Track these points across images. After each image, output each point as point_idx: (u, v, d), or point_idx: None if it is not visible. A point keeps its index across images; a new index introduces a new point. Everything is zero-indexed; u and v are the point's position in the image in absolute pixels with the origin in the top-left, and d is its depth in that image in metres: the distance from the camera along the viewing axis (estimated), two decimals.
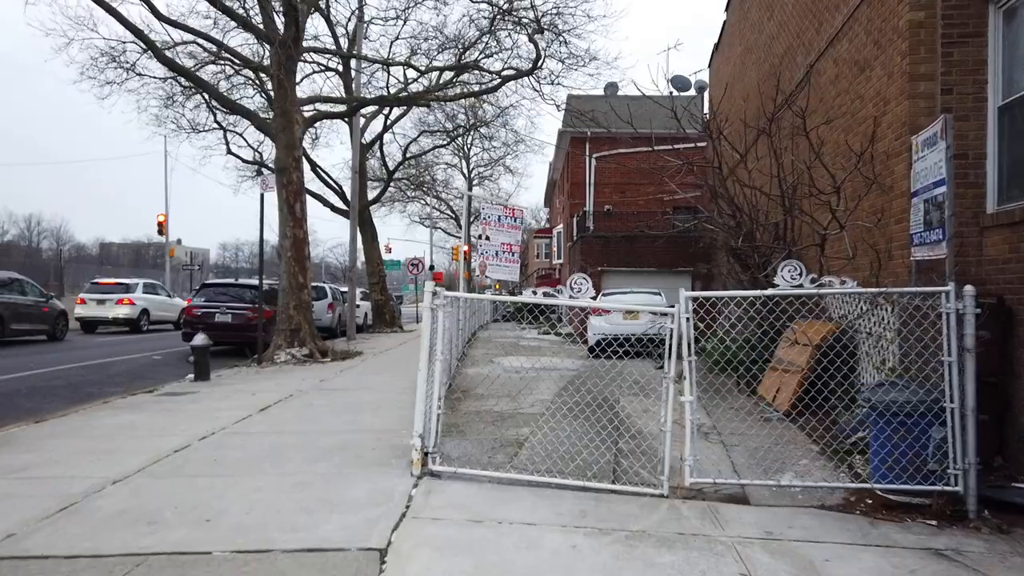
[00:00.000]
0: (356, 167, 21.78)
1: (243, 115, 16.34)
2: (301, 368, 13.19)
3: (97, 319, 24.41)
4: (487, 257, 13.80)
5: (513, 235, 13.93)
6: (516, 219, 13.83)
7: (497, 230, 13.77)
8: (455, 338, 11.36)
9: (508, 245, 13.82)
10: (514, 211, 13.72)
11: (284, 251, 14.89)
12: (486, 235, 13.56)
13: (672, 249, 22.09)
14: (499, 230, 13.81)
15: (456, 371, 11.61)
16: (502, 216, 13.39)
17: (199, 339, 11.05)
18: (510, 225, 13.76)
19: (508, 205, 14.90)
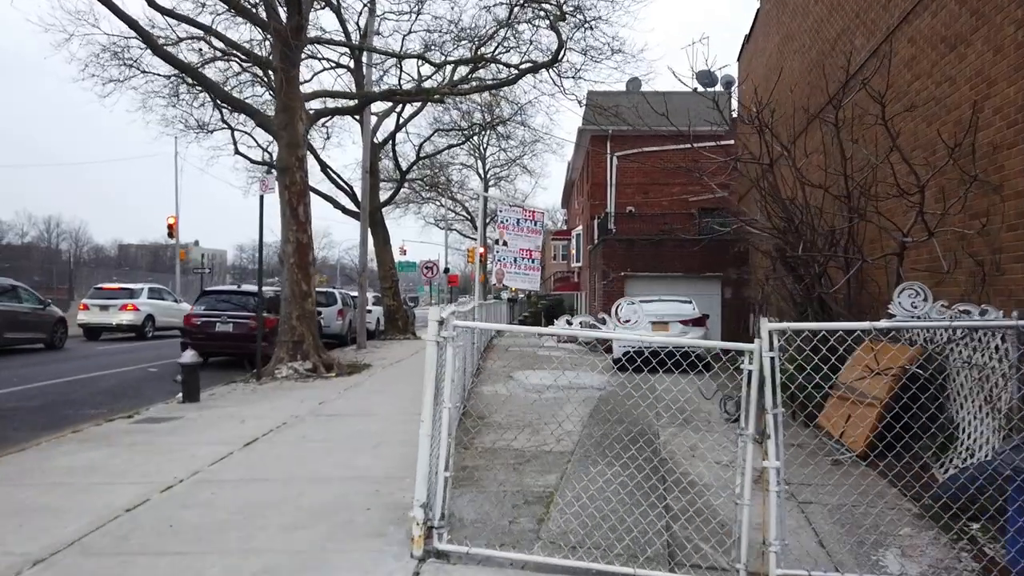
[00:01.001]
0: (367, 167, 20.73)
1: (244, 111, 15.32)
2: (303, 385, 12.11)
3: (101, 326, 23.57)
4: (504, 264, 12.67)
5: (533, 240, 12.80)
6: (536, 223, 12.70)
7: (515, 235, 12.65)
8: (469, 354, 10.24)
9: (527, 251, 12.68)
10: (534, 214, 12.58)
11: (286, 257, 13.84)
12: (503, 240, 12.44)
13: (700, 253, 20.82)
14: (517, 235, 12.69)
15: (470, 390, 10.47)
16: (521, 219, 12.25)
17: (188, 356, 9.99)
18: (530, 229, 12.61)
19: (527, 207, 13.81)
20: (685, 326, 14.10)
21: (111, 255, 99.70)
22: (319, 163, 24.96)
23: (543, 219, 13.01)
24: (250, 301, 16.47)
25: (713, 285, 20.46)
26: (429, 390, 4.18)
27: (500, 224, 11.98)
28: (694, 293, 19.84)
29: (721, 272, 20.34)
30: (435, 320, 4.22)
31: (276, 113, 14.00)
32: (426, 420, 4.16)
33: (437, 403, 4.27)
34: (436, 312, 4.23)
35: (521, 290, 37.31)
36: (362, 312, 21.09)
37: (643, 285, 20.50)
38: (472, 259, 52.65)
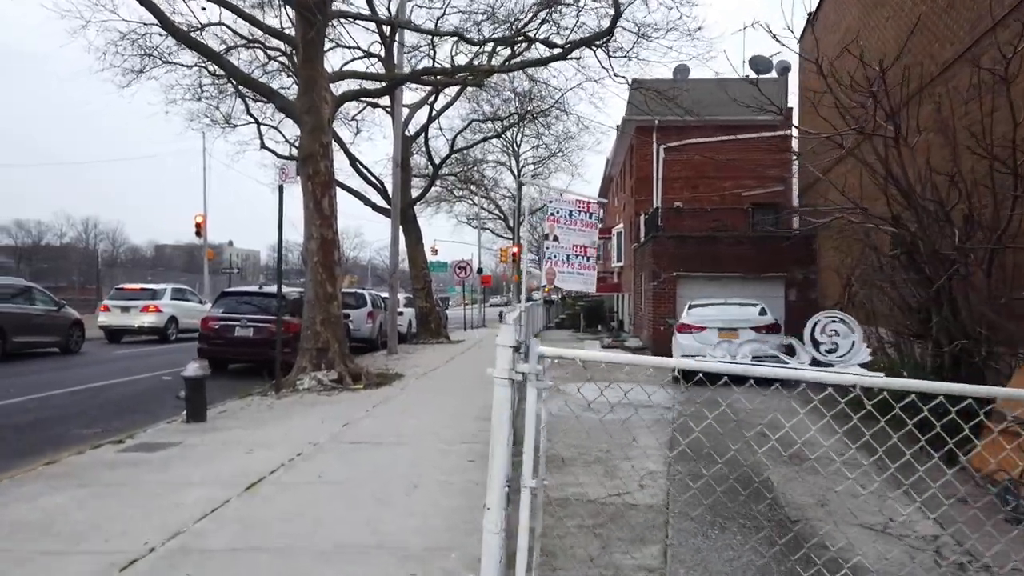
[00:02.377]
0: (398, 159, 19.35)
1: (263, 94, 14.00)
2: (326, 399, 10.71)
3: (122, 328, 22.58)
4: (555, 263, 11.14)
5: (588, 235, 11.23)
6: (592, 215, 11.11)
7: (568, 229, 11.09)
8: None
9: (582, 248, 11.12)
10: (588, 205, 10.99)
11: (309, 255, 12.47)
12: (553, 235, 10.90)
13: (760, 251, 19.05)
14: (570, 229, 11.13)
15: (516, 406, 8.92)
16: (574, 211, 10.71)
17: (192, 369, 8.62)
18: (584, 223, 11.07)
19: (581, 197, 12.26)
20: (757, 333, 12.40)
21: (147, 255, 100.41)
22: (348, 157, 23.68)
23: (600, 211, 11.42)
24: (273, 303, 15.17)
25: (775, 286, 18.66)
26: (499, 458, 2.67)
27: (550, 217, 10.43)
28: (754, 296, 18.08)
29: (784, 272, 18.54)
30: (506, 346, 2.70)
31: (298, 95, 12.64)
32: (494, 509, 2.63)
33: (512, 509, 2.73)
34: (508, 335, 2.70)
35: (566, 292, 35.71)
36: (393, 315, 19.72)
37: (697, 287, 18.78)
38: (505, 258, 51.18)
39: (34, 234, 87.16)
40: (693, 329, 12.61)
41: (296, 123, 12.89)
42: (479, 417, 8.91)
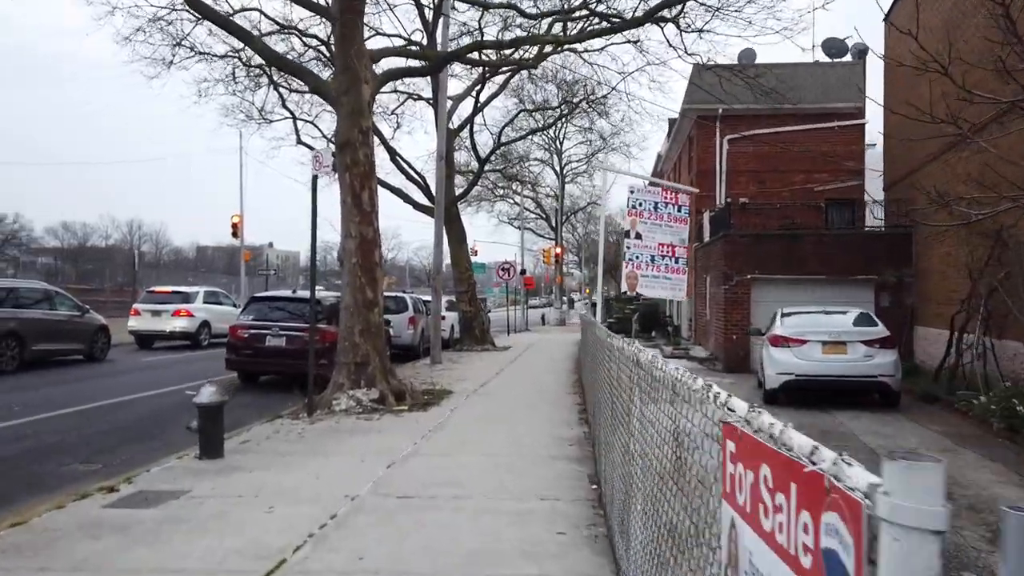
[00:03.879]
0: (442, 152, 17.80)
1: (296, 74, 12.55)
2: (366, 424, 9.14)
3: (152, 333, 21.47)
4: (638, 265, 9.36)
5: (676, 232, 9.46)
6: (681, 208, 9.36)
7: (652, 224, 9.33)
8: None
9: (669, 247, 9.36)
10: (677, 196, 9.24)
11: (347, 256, 10.95)
12: (635, 232, 9.16)
13: (846, 250, 17.01)
14: (655, 224, 9.38)
15: (601, 442, 7.28)
16: (660, 204, 8.95)
17: (206, 395, 7.11)
18: (672, 217, 9.28)
19: (669, 187, 10.48)
20: (870, 348, 10.48)
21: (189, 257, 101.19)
22: (388, 151, 22.23)
23: (690, 204, 9.67)
24: (308, 310, 13.73)
25: (863, 290, 16.60)
26: None
27: (631, 210, 8.78)
28: (841, 300, 16.08)
29: (874, 274, 16.48)
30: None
31: (335, 75, 11.14)
32: None
33: None
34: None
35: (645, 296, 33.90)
36: (437, 320, 18.17)
37: (775, 290, 16.83)
38: (548, 259, 49.48)
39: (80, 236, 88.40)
40: (791, 342, 10.74)
41: (332, 106, 11.41)
42: (552, 456, 7.23)
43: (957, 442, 8.56)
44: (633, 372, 3.59)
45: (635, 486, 3.49)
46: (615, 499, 4.58)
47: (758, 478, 1.46)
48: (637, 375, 3.44)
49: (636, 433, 3.50)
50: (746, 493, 1.54)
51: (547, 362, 18.27)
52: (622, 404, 4.26)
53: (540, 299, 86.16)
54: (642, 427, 3.30)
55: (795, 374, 10.61)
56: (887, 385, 10.56)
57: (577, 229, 72.86)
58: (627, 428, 3.80)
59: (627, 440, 3.81)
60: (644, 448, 3.26)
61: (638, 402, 3.44)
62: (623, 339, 4.27)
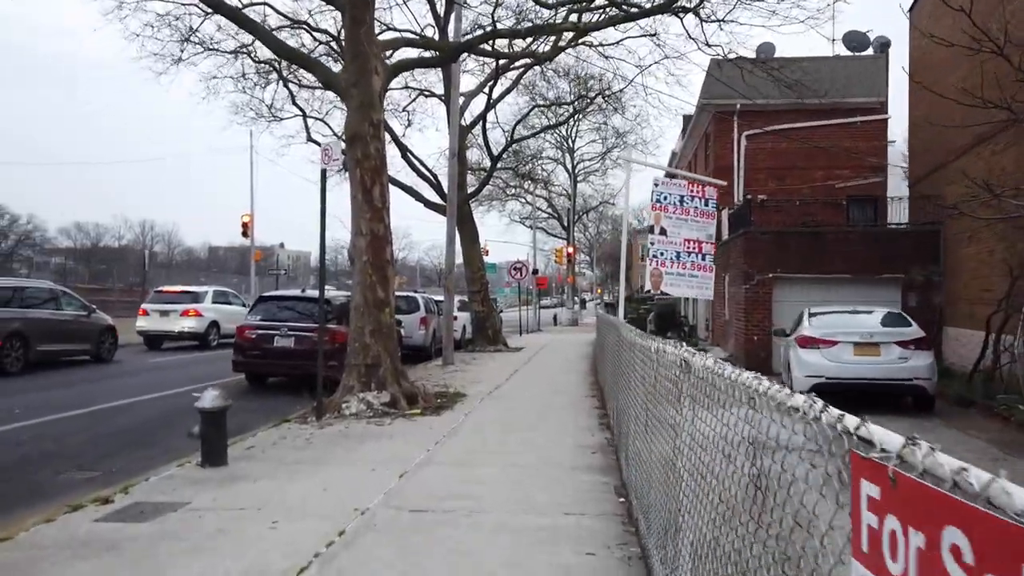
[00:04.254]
0: (454, 148, 17.40)
1: (304, 66, 12.16)
2: (376, 429, 8.73)
3: (160, 333, 21.19)
4: (662, 263, 8.90)
5: (703, 227, 8.97)
6: (708, 202, 8.88)
7: (678, 219, 8.85)
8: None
9: (696, 243, 8.88)
10: (704, 189, 8.76)
11: (357, 254, 10.56)
12: (660, 227, 8.68)
13: (871, 247, 16.48)
14: (681, 219, 8.89)
15: (627, 450, 6.86)
16: (686, 197, 8.47)
17: (209, 399, 6.72)
18: (699, 212, 8.81)
19: (694, 179, 10.01)
20: (904, 349, 9.98)
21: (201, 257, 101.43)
22: (399, 147, 21.85)
23: (716, 197, 9.20)
24: (317, 309, 13.36)
25: (890, 289, 16.06)
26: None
27: (655, 204, 8.33)
28: (866, 300, 15.56)
29: (902, 272, 15.93)
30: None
31: (344, 65, 10.77)
32: None
33: None
34: None
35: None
36: (448, 321, 17.77)
37: (797, 290, 16.32)
38: (560, 259, 49.03)
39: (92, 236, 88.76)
40: (820, 344, 10.24)
41: (341, 99, 11.03)
42: (574, 466, 6.80)
43: (1005, 450, 8.06)
44: (681, 379, 3.15)
45: (684, 510, 3.05)
46: (651, 517, 4.15)
47: (936, 544, 1.02)
48: (688, 383, 3.00)
49: (685, 450, 3.07)
50: (908, 562, 1.10)
51: (562, 363, 17.83)
52: (661, 414, 3.83)
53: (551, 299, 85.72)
54: (695, 443, 2.86)
55: (825, 377, 10.11)
56: (923, 389, 10.05)
57: (588, 229, 72.42)
58: (672, 443, 3.37)
59: (671, 456, 3.38)
60: (697, 467, 2.82)
61: (688, 415, 3.01)
62: (664, 342, 3.83)
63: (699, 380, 2.79)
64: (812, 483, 1.58)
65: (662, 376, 3.73)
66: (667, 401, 3.56)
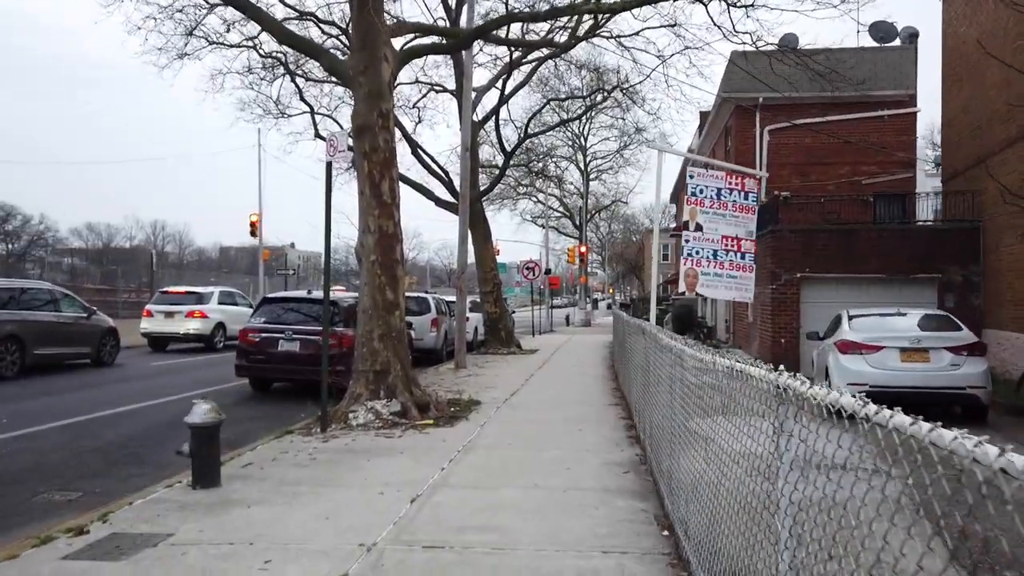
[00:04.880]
0: (467, 142, 16.73)
1: (309, 54, 11.49)
2: (385, 443, 8.06)
3: (165, 335, 20.65)
4: (697, 261, 8.16)
5: (743, 223, 8.22)
6: (748, 195, 8.12)
7: (715, 214, 8.12)
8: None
9: (735, 240, 8.16)
10: (743, 181, 8.00)
11: (365, 253, 9.89)
12: (695, 223, 7.93)
13: (906, 246, 15.66)
14: (718, 214, 8.15)
15: (665, 472, 6.16)
16: (723, 190, 7.73)
17: (199, 413, 6.07)
18: (738, 206, 8.07)
19: (733, 170, 9.20)
20: (956, 355, 9.21)
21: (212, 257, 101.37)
22: (409, 143, 21.19)
23: (759, 190, 8.45)
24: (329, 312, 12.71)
25: (925, 290, 15.26)
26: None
27: (690, 198, 7.61)
28: (900, 301, 14.77)
29: (938, 272, 15.12)
30: None
31: (352, 52, 10.10)
32: None
33: None
34: None
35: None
36: (461, 322, 17.09)
37: (826, 291, 15.55)
38: (573, 259, 48.28)
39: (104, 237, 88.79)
40: (864, 349, 9.49)
41: (348, 87, 10.36)
42: (605, 488, 6.09)
43: None
44: (780, 422, 2.46)
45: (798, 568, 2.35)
46: (717, 566, 3.45)
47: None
48: (792, 423, 2.30)
49: (785, 495, 2.38)
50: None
51: (579, 367, 17.12)
52: (731, 441, 3.13)
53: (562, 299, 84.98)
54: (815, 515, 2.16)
55: (868, 385, 9.34)
56: (976, 398, 9.28)
57: (600, 228, 71.59)
58: (766, 479, 2.66)
59: (763, 496, 2.68)
60: (814, 528, 2.12)
61: (795, 449, 2.31)
62: (739, 359, 3.14)
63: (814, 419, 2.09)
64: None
65: (743, 408, 3.05)
66: (750, 438, 2.87)
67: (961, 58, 16.21)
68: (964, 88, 16.10)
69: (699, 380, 4.08)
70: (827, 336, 11.64)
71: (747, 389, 2.96)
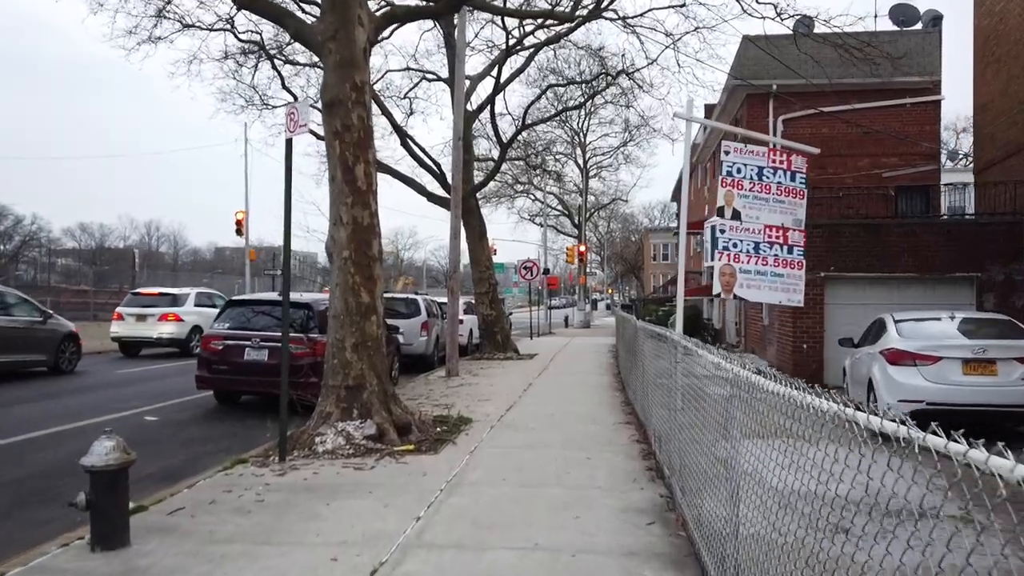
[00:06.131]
0: (459, 132, 15.34)
1: (269, 16, 9.99)
2: (354, 477, 6.66)
3: (137, 340, 19.27)
4: (735, 256, 6.78)
5: (791, 210, 6.85)
6: (796, 176, 6.75)
7: (757, 198, 6.74)
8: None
9: (781, 231, 6.79)
10: (790, 160, 6.62)
11: (336, 249, 8.50)
12: (732, 209, 6.52)
13: (940, 242, 14.29)
14: (760, 199, 6.76)
15: (707, 527, 4.75)
16: (766, 170, 6.36)
17: (100, 453, 4.67)
18: (784, 188, 6.72)
19: (779, 145, 7.86)
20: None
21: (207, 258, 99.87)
22: (399, 133, 19.80)
23: (808, 169, 7.06)
24: (299, 315, 11.34)
25: (962, 290, 13.91)
26: None
27: (725, 178, 6.25)
28: (933, 302, 13.44)
29: (977, 270, 13.77)
30: None
31: (321, 14, 8.70)
32: None
33: None
34: None
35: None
36: (453, 326, 15.70)
37: (853, 291, 14.20)
38: (572, 258, 46.90)
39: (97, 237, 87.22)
40: (919, 359, 8.11)
41: (317, 55, 8.98)
42: (627, 551, 4.70)
43: None
44: None
45: None
46: None
47: None
48: None
49: None
50: None
51: (581, 375, 15.73)
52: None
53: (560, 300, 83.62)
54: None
55: (926, 401, 7.99)
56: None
57: (599, 227, 70.23)
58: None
59: None
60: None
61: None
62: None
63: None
64: None
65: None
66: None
67: (998, 37, 14.87)
68: (1002, 70, 14.75)
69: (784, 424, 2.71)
70: (863, 343, 10.29)
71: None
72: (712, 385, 4.27)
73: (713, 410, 4.10)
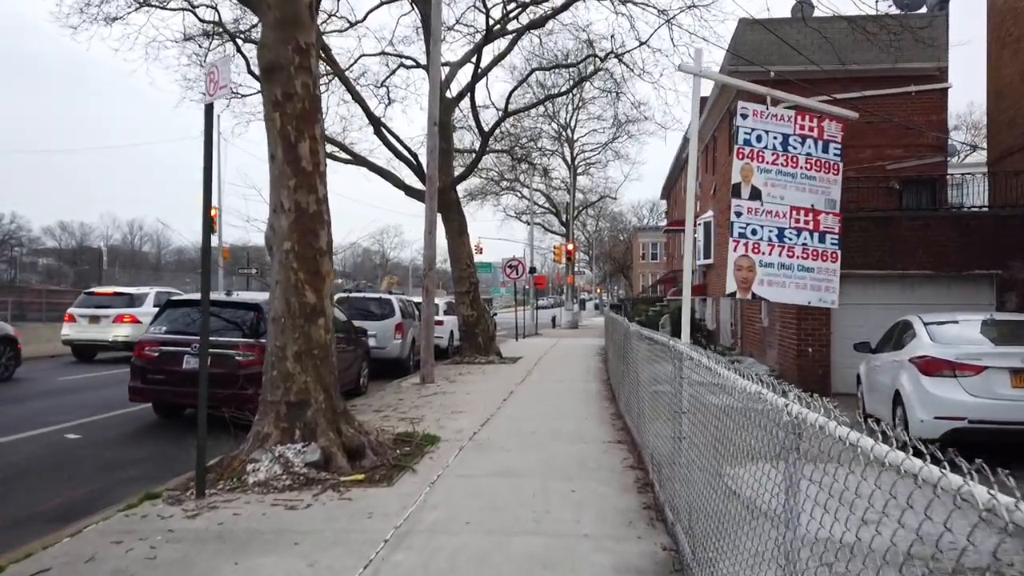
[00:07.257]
0: (435, 117, 14.06)
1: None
2: (281, 520, 5.38)
3: (91, 343, 17.86)
4: (755, 245, 5.61)
5: (822, 188, 5.73)
6: (829, 147, 5.60)
7: (781, 174, 5.60)
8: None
9: (810, 213, 5.67)
10: (822, 127, 5.47)
11: (278, 240, 7.21)
12: (750, 187, 5.33)
13: (955, 237, 13.17)
14: (786, 174, 5.64)
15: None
16: (792, 139, 5.22)
17: None
18: (815, 161, 5.59)
19: (811, 109, 6.67)
20: None
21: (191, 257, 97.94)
22: (372, 121, 18.47)
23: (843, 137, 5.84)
24: (246, 317, 10.07)
25: (980, 288, 12.80)
26: None
27: (742, 148, 5.01)
28: (950, 302, 12.33)
29: (997, 268, 12.66)
30: None
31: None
32: None
33: None
34: None
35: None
36: (428, 327, 14.39)
37: (861, 290, 13.05)
38: (559, 257, 45.67)
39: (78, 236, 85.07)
40: (959, 369, 6.93)
41: (255, 13, 7.69)
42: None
43: None
44: None
45: None
46: None
47: None
48: None
49: None
50: None
51: (568, 382, 14.48)
52: None
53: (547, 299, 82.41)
54: None
55: (968, 419, 6.82)
56: None
57: (587, 226, 69.04)
58: None
59: None
60: None
61: None
62: None
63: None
64: None
65: None
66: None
67: (1016, 18, 13.77)
68: (1020, 51, 13.66)
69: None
70: (883, 348, 9.13)
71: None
72: (751, 426, 3.04)
73: (764, 474, 2.87)
